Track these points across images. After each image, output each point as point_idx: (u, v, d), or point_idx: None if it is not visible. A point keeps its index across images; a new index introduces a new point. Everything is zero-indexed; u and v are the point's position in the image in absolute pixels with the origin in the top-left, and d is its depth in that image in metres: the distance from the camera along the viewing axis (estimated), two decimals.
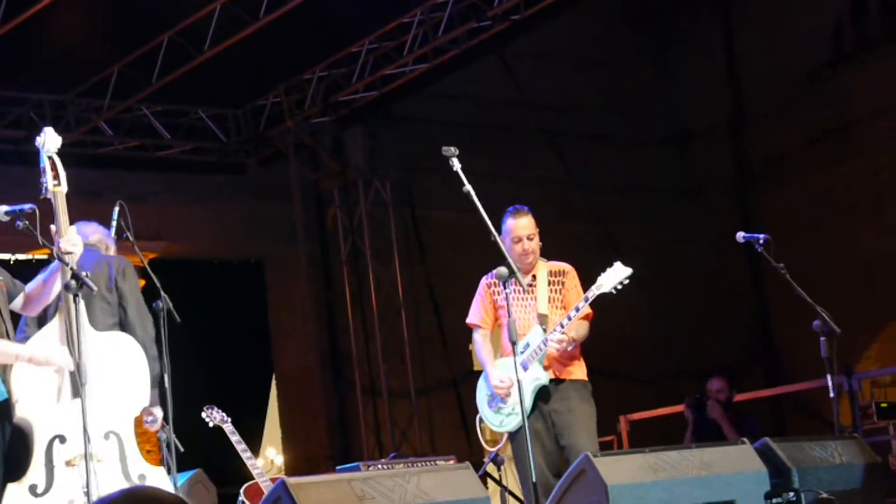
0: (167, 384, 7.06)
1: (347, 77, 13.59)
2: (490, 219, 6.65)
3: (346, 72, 13.56)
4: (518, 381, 6.74)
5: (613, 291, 7.50)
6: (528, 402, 7.40)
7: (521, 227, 7.67)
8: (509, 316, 6.78)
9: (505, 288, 6.86)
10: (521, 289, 7.46)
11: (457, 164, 6.65)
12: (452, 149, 6.65)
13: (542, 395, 7.56)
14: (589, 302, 7.50)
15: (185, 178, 14.20)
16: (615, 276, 7.46)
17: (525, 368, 7.43)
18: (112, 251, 8.23)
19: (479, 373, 8.15)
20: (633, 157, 15.94)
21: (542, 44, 14.91)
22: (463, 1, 12.65)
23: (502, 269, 6.77)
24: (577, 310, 7.49)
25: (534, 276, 7.70)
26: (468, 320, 8.02)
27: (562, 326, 7.45)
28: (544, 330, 7.54)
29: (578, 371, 7.73)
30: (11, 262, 9.23)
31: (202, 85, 13.10)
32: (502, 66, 15.18)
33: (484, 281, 7.94)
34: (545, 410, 7.59)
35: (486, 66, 14.84)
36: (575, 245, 13.46)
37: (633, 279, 7.49)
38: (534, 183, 14.47)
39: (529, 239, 7.68)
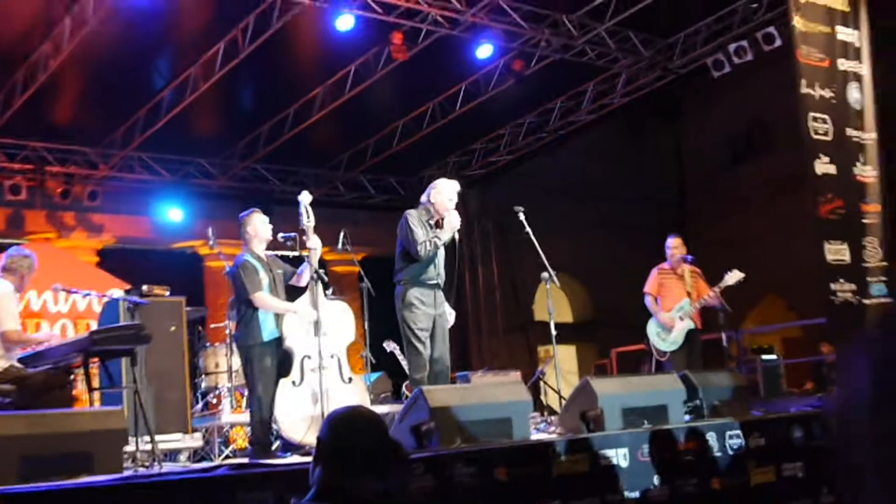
0: None
1: None
2: None
3: None
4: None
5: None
6: (681, 340, 11.90)
7: (670, 247, 12.42)
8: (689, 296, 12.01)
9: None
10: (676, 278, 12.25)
11: None
12: None
13: (689, 335, 12.00)
14: (717, 292, 11.84)
15: None
16: (733, 278, 11.74)
17: (681, 320, 11.95)
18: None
19: None
20: None
21: None
22: None
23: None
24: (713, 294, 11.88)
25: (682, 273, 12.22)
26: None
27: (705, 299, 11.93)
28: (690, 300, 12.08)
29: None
30: (290, 258, 10.16)
31: None
32: None
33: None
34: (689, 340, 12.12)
35: None
36: None
37: None
38: None
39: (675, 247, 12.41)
